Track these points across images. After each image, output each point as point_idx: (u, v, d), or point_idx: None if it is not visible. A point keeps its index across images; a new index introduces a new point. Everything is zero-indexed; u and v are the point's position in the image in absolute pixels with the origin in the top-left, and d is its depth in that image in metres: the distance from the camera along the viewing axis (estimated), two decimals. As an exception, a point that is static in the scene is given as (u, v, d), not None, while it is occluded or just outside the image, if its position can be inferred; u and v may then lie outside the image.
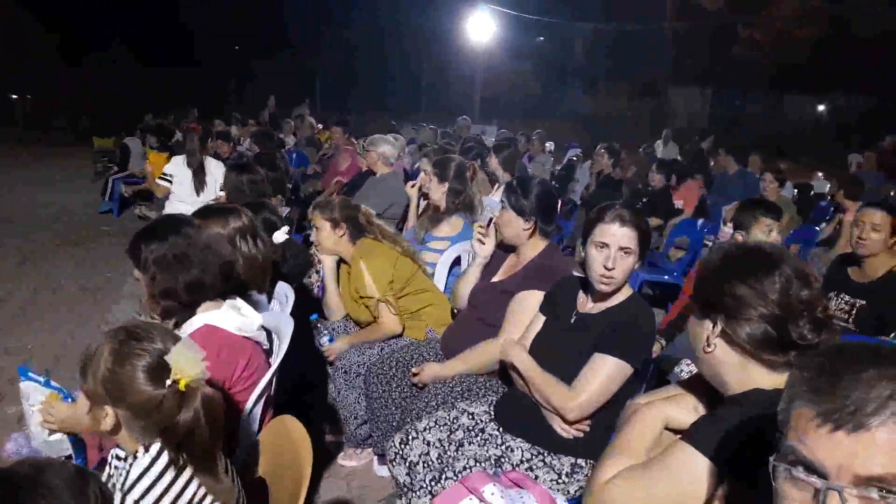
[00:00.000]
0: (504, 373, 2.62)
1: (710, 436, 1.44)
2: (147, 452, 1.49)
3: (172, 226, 2.16)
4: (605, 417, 2.24)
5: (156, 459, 1.48)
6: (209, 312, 2.14)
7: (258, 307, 2.48)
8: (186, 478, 1.50)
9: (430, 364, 2.90)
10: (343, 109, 18.36)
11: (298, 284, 3.57)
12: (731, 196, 7.51)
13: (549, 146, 11.56)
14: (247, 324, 2.18)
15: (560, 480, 2.22)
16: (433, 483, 2.19)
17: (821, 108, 29.10)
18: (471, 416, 2.46)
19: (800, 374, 0.96)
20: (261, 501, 1.85)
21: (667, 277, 5.71)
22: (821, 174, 11.16)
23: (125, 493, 1.48)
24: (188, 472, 1.50)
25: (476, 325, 2.95)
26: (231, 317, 2.15)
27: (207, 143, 6.84)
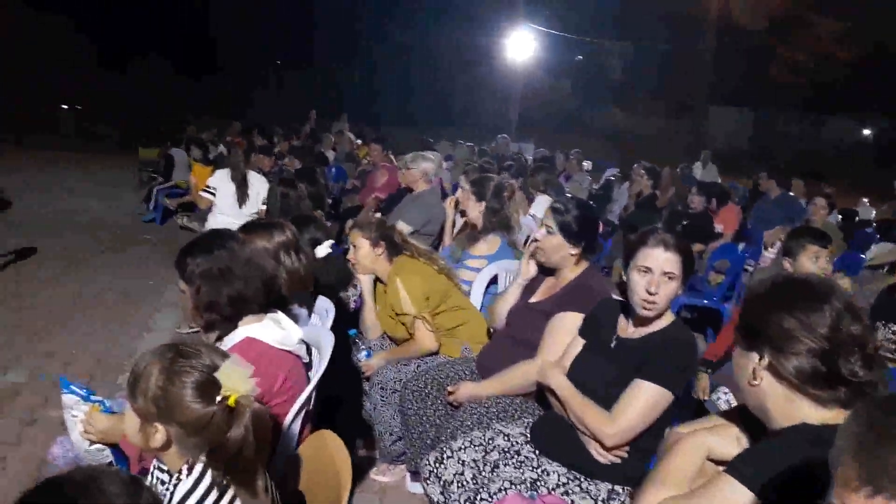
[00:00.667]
0: (541, 395, 2.60)
1: (756, 470, 1.41)
2: (190, 474, 1.50)
3: (218, 240, 2.20)
4: (644, 444, 2.21)
5: (199, 481, 1.49)
6: (250, 325, 2.17)
7: (298, 321, 2.51)
8: (228, 499, 1.50)
9: (466, 383, 2.90)
10: (374, 123, 18.49)
11: (336, 298, 3.60)
12: (773, 220, 7.39)
13: (587, 165, 11.52)
14: (287, 337, 2.20)
15: (596, 506, 2.20)
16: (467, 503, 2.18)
17: (866, 133, 28.55)
18: (506, 438, 2.44)
19: (851, 425, 0.94)
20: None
21: (706, 302, 5.63)
22: (866, 200, 10.93)
23: None
24: (230, 493, 1.50)
25: (513, 346, 2.93)
26: (271, 330, 2.18)
27: (251, 158, 6.96)
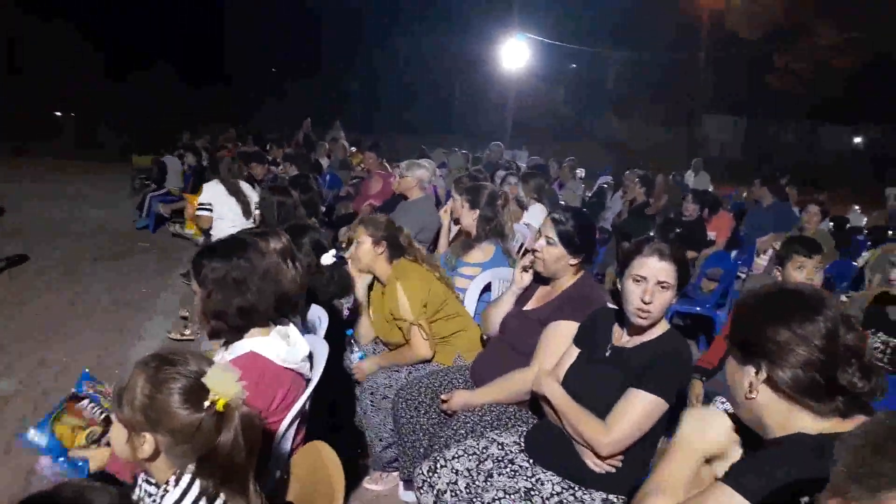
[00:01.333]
0: (535, 404, 2.59)
1: (751, 478, 1.41)
2: (178, 485, 1.48)
3: (239, 248, 2.15)
4: (638, 453, 2.21)
5: (187, 491, 1.47)
6: (256, 339, 2.13)
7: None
8: None
9: (460, 391, 2.88)
10: (372, 132, 18.58)
11: (329, 306, 3.59)
12: (766, 228, 7.42)
13: (580, 173, 11.54)
14: (291, 354, 2.16)
15: (591, 516, 2.19)
16: (462, 513, 2.17)
17: (857, 140, 28.72)
18: (500, 447, 2.44)
19: (851, 437, 0.95)
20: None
21: (699, 309, 5.64)
22: (857, 207, 10.98)
23: None
24: (220, 501, 1.49)
25: (507, 354, 2.92)
26: (276, 346, 2.13)
27: (239, 166, 6.90)
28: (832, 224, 8.89)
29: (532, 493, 2.23)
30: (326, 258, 3.28)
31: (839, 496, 0.90)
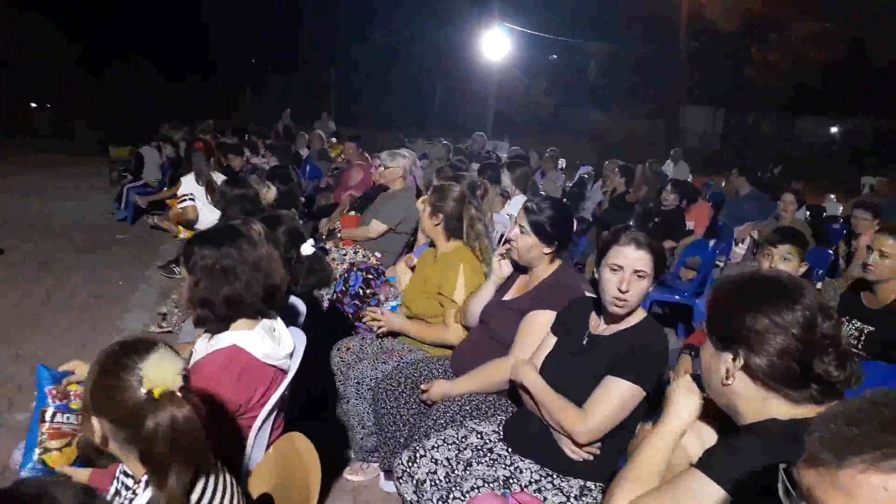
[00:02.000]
0: (514, 392, 2.60)
1: (724, 464, 1.42)
2: (147, 488, 1.47)
3: (231, 237, 2.13)
4: (616, 440, 2.22)
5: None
6: (240, 332, 2.10)
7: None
8: None
9: (440, 381, 2.89)
10: (354, 124, 18.50)
11: (308, 297, 3.57)
12: (744, 217, 7.49)
13: (562, 163, 11.57)
14: (275, 351, 2.14)
15: (569, 503, 2.20)
16: (440, 502, 2.17)
17: (833, 131, 29.05)
18: (480, 436, 2.45)
19: (824, 417, 0.96)
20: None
21: (677, 297, 5.68)
22: (833, 196, 11.12)
23: None
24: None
25: (486, 343, 2.93)
26: (260, 341, 2.11)
27: (215, 158, 6.84)
28: (809, 213, 8.99)
29: (511, 482, 2.24)
30: (306, 248, 3.27)
31: (810, 462, 0.92)
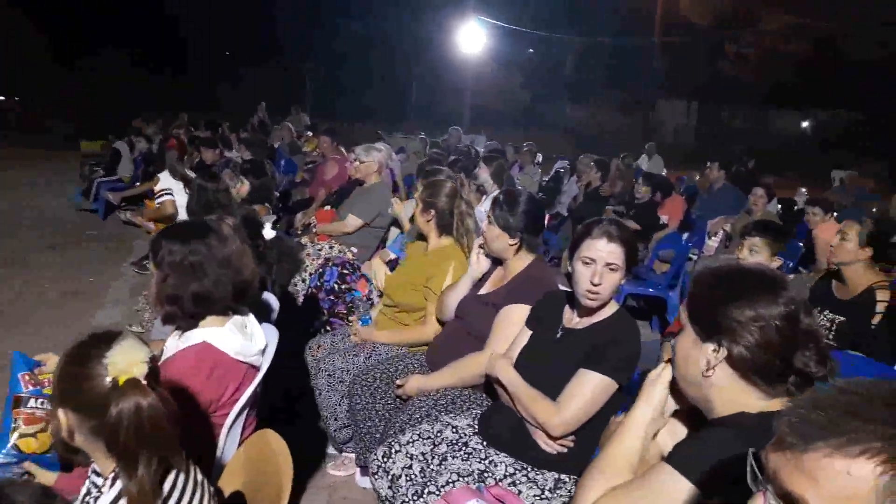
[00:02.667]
0: (489, 386, 2.61)
1: (693, 458, 1.43)
2: (113, 486, 1.45)
3: (199, 232, 2.09)
4: (590, 433, 2.23)
5: (120, 496, 1.43)
6: (211, 328, 2.07)
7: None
8: None
9: (415, 376, 2.89)
10: (330, 117, 18.39)
11: (283, 292, 3.55)
12: (717, 210, 7.57)
13: (538, 157, 11.59)
14: (246, 347, 2.11)
15: (543, 496, 2.22)
16: (415, 497, 2.18)
17: (805, 125, 29.48)
18: (455, 430, 2.45)
19: (795, 403, 0.97)
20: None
21: (651, 290, 5.74)
22: (804, 189, 11.25)
23: None
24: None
25: (462, 338, 2.94)
26: (230, 338, 2.08)
27: (188, 154, 6.76)
28: (780, 206, 9.11)
29: (485, 475, 2.25)
30: (268, 232, 3.25)
31: (777, 446, 0.93)
